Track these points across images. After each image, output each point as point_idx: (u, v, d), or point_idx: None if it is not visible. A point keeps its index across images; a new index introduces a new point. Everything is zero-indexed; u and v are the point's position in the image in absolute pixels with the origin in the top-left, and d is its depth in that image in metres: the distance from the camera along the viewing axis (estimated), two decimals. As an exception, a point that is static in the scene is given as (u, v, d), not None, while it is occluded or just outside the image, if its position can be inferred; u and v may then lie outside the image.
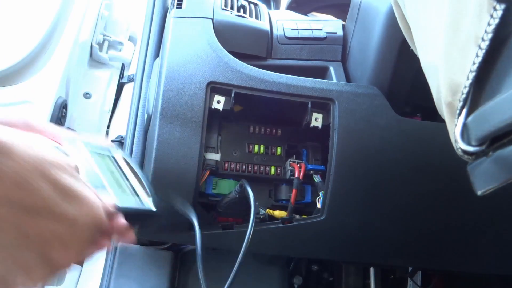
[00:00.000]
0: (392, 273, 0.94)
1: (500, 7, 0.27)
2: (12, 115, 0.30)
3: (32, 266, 0.27)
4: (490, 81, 0.29)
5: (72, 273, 0.73)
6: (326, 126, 0.67)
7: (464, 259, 0.70)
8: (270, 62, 0.77)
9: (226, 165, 0.68)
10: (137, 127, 0.75)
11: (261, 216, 0.66)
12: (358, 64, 0.74)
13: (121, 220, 0.33)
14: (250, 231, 0.54)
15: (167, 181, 0.61)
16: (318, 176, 0.68)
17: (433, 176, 0.66)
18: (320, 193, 0.66)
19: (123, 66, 1.00)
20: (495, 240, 0.69)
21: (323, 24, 0.82)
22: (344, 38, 0.80)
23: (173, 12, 0.75)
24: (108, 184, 0.36)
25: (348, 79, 0.76)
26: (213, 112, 0.66)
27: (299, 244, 0.66)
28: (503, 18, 0.27)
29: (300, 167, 0.67)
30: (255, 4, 0.84)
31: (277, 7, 1.25)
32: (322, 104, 0.68)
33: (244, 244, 0.53)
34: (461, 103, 0.31)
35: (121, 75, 0.99)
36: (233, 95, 0.66)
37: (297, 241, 0.66)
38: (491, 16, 0.28)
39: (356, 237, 0.67)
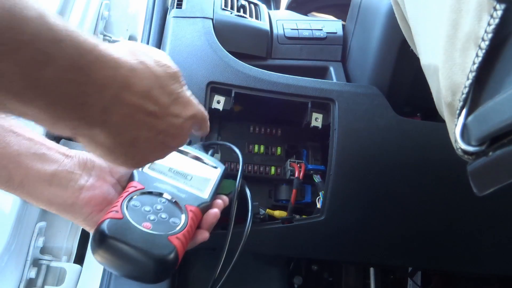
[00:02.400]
0: (392, 273, 0.94)
1: (500, 7, 0.27)
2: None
3: (156, 149, 0.38)
4: (490, 81, 0.29)
5: (72, 273, 0.73)
6: (326, 126, 0.67)
7: (464, 259, 0.70)
8: (270, 62, 0.77)
9: (226, 165, 0.68)
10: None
11: (261, 216, 0.66)
12: (358, 64, 0.74)
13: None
14: (246, 232, 0.54)
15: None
16: (318, 176, 0.68)
17: (433, 176, 0.66)
18: (320, 193, 0.66)
19: (123, 66, 1.00)
20: (495, 240, 0.69)
21: (323, 24, 0.82)
22: (344, 38, 0.80)
23: (173, 12, 0.75)
24: None
25: (348, 79, 0.76)
26: (213, 112, 0.66)
27: (299, 244, 0.66)
28: (503, 18, 0.27)
29: (300, 167, 0.67)
30: (255, 4, 0.84)
31: (277, 7, 1.25)
32: (322, 104, 0.68)
33: (241, 244, 0.53)
34: (461, 103, 0.31)
35: (121, 75, 0.99)
36: (233, 95, 0.66)
37: (297, 241, 0.66)
38: (491, 16, 0.28)
39: (356, 237, 0.67)
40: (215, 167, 0.55)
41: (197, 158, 0.55)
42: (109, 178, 0.48)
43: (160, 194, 0.46)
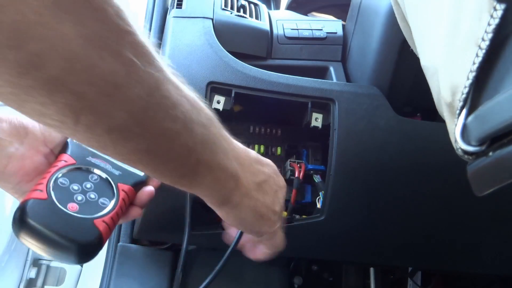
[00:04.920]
0: (392, 273, 0.94)
1: (500, 7, 0.27)
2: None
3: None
4: (490, 81, 0.29)
5: (72, 273, 0.73)
6: (326, 126, 0.67)
7: (464, 259, 0.70)
8: (270, 62, 0.77)
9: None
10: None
11: (261, 216, 0.66)
12: (358, 64, 0.74)
13: None
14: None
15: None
16: (318, 176, 0.68)
17: (433, 176, 0.66)
18: (320, 193, 0.66)
19: (123, 66, 1.00)
20: (495, 240, 0.69)
21: (323, 24, 0.82)
22: (344, 38, 0.80)
23: (173, 12, 0.75)
24: None
25: (348, 79, 0.76)
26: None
27: (299, 244, 0.66)
28: (503, 18, 0.27)
29: (300, 167, 0.67)
30: (255, 4, 0.84)
31: (277, 7, 1.25)
32: (322, 104, 0.68)
33: (233, 244, 0.53)
34: (461, 103, 0.31)
35: (121, 75, 0.99)
36: (233, 95, 0.65)
37: (297, 241, 0.66)
38: (491, 16, 0.28)
39: (356, 237, 0.67)
40: None
41: None
42: (42, 147, 0.44)
43: (91, 171, 0.43)
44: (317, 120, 0.68)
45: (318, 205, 0.66)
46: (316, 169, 0.68)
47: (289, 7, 1.14)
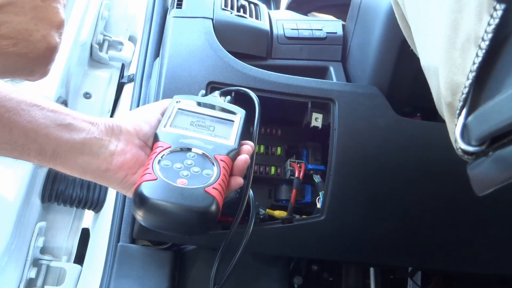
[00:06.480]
0: (392, 273, 0.94)
1: (500, 7, 0.27)
2: None
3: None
4: (490, 81, 0.29)
5: (72, 273, 0.73)
6: (326, 126, 0.67)
7: (464, 259, 0.70)
8: (270, 62, 0.77)
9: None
10: (137, 127, 0.75)
11: (261, 216, 0.66)
12: (358, 64, 0.74)
13: None
14: (248, 231, 0.54)
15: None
16: (318, 176, 0.68)
17: (433, 176, 0.66)
18: (320, 193, 0.66)
19: (123, 66, 1.00)
20: (495, 240, 0.69)
21: (323, 24, 0.82)
22: (344, 38, 0.80)
23: (173, 12, 0.75)
24: None
25: (348, 79, 0.76)
26: (213, 112, 0.66)
27: (299, 244, 0.66)
28: (503, 18, 0.27)
29: (300, 167, 0.67)
30: (255, 4, 0.84)
31: (277, 7, 1.25)
32: (322, 104, 0.68)
33: (243, 244, 0.53)
34: (461, 103, 0.31)
35: (121, 75, 0.99)
36: (233, 95, 0.66)
37: (297, 241, 0.66)
38: (491, 16, 0.28)
39: (356, 237, 0.67)
40: (235, 113, 0.55)
41: (216, 107, 0.55)
42: (136, 141, 0.48)
43: (187, 149, 0.46)
44: (317, 120, 0.68)
45: (318, 205, 0.66)
46: (316, 169, 0.68)
47: (289, 7, 1.14)
